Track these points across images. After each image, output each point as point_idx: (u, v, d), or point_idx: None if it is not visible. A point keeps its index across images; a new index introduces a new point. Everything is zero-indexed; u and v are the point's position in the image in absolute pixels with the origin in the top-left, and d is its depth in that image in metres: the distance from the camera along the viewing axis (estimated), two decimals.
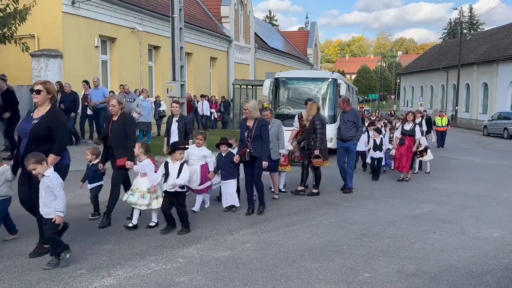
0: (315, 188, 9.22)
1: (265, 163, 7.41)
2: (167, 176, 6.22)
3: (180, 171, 6.21)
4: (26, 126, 5.25)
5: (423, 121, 14.29)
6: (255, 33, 32.61)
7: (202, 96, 21.11)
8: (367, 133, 11.98)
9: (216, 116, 22.55)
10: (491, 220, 7.47)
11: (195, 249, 5.74)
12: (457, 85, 41.21)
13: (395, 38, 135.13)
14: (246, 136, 7.43)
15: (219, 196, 8.14)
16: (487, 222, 7.32)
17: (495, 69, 37.07)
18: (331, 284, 4.71)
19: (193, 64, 22.92)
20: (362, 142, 11.28)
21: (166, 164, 6.31)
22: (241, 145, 7.55)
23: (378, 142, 11.27)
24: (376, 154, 11.25)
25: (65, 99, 12.99)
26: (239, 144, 7.70)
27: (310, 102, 9.26)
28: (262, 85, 17.28)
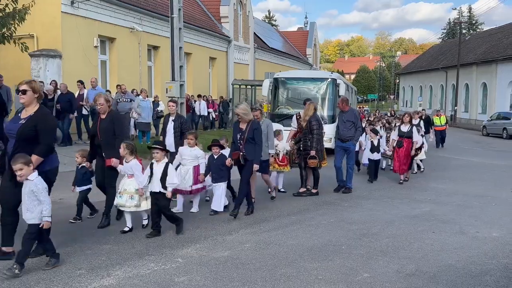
0: (314, 188, 9.22)
1: (256, 166, 7.32)
2: (151, 177, 6.12)
3: (166, 172, 6.07)
4: (13, 127, 5.15)
5: (421, 122, 14.21)
6: (255, 33, 32.63)
7: (199, 96, 21.04)
8: (364, 134, 11.88)
9: (214, 116, 22.50)
10: (490, 220, 7.47)
11: (195, 249, 5.74)
12: (456, 85, 41.23)
13: (394, 38, 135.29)
14: (239, 139, 7.34)
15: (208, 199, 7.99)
16: (486, 222, 7.33)
17: (494, 69, 37.11)
18: (330, 284, 4.71)
19: (192, 64, 22.92)
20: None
21: (151, 165, 6.21)
22: (233, 147, 7.46)
23: (376, 143, 11.15)
24: (374, 156, 11.08)
25: (61, 99, 12.98)
26: (231, 146, 7.61)
27: (308, 103, 9.25)
28: (261, 85, 17.29)
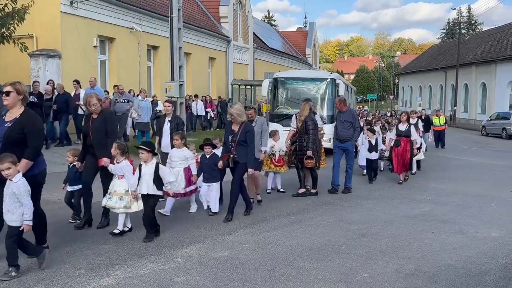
0: (313, 188, 9.21)
1: (251, 171, 7.21)
2: (140, 179, 6.02)
3: (158, 174, 5.96)
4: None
5: (419, 122, 14.16)
6: (254, 33, 32.64)
7: (196, 96, 20.94)
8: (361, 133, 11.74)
9: (213, 116, 22.43)
10: (490, 220, 7.48)
11: (194, 249, 5.73)
12: (456, 85, 41.25)
13: (394, 38, 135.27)
14: (231, 141, 7.19)
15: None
16: (486, 222, 7.33)
17: (494, 69, 37.15)
18: (330, 284, 4.71)
19: (192, 64, 22.92)
20: None
21: (140, 167, 6.09)
22: (225, 149, 7.35)
23: (373, 143, 11.09)
24: (372, 155, 11.03)
25: (58, 100, 12.97)
26: (223, 148, 7.51)
27: (303, 103, 9.21)
28: (261, 85, 17.29)
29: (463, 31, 58.10)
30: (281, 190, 9.44)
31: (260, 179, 8.46)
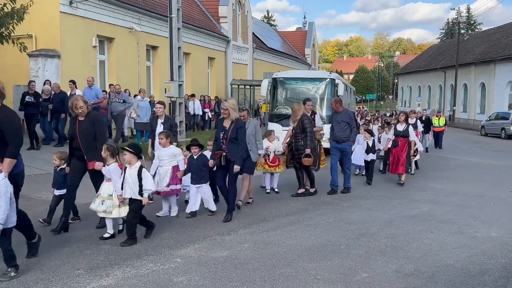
0: (312, 188, 9.18)
1: (237, 168, 6.96)
2: (123, 182, 5.85)
3: (140, 177, 5.74)
4: None
5: (418, 122, 14.14)
6: (253, 33, 32.64)
7: (193, 96, 20.84)
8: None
9: (210, 116, 22.36)
10: (489, 220, 7.48)
11: (193, 249, 5.73)
12: (455, 85, 41.28)
13: (393, 38, 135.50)
14: (222, 138, 7.05)
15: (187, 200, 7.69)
16: (485, 222, 7.33)
17: (493, 69, 37.17)
18: (329, 284, 4.71)
19: (191, 64, 22.91)
20: None
21: (125, 169, 5.91)
22: (216, 146, 7.20)
23: (370, 144, 11.03)
24: (369, 156, 10.96)
25: (54, 99, 12.93)
26: (214, 145, 7.35)
27: (296, 103, 9.15)
28: (260, 85, 17.28)
29: (462, 31, 58.19)
30: (276, 191, 9.35)
31: (248, 183, 8.05)
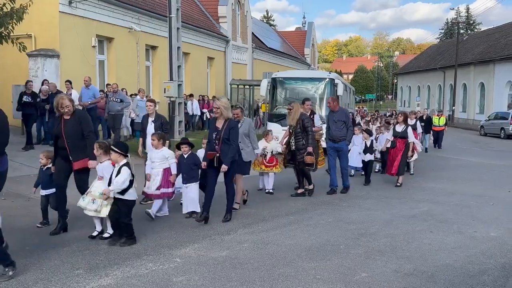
0: (309, 185, 9.13)
1: (224, 167, 6.77)
2: (110, 180, 5.74)
3: (118, 172, 5.62)
4: None
5: (418, 123, 14.06)
6: (253, 33, 32.63)
7: (191, 96, 20.81)
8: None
9: (209, 116, 22.28)
10: (488, 220, 7.48)
11: (193, 249, 5.73)
12: (454, 85, 41.30)
13: (392, 38, 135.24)
14: (215, 138, 6.89)
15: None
16: (484, 222, 7.34)
17: (492, 69, 37.20)
18: (329, 284, 4.71)
19: (191, 64, 22.90)
20: None
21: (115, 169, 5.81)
22: (209, 147, 7.02)
23: (368, 144, 10.99)
24: (367, 157, 10.91)
25: (51, 98, 12.88)
26: (207, 146, 7.19)
27: (292, 103, 9.13)
28: (260, 85, 17.30)
29: (462, 31, 58.30)
30: (270, 191, 9.21)
31: (242, 184, 7.90)
